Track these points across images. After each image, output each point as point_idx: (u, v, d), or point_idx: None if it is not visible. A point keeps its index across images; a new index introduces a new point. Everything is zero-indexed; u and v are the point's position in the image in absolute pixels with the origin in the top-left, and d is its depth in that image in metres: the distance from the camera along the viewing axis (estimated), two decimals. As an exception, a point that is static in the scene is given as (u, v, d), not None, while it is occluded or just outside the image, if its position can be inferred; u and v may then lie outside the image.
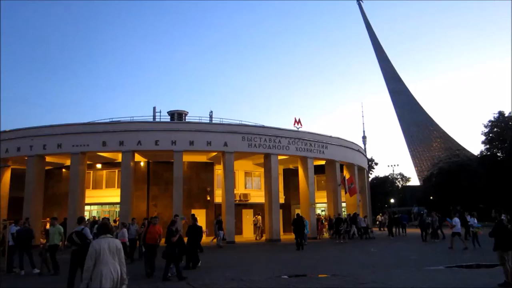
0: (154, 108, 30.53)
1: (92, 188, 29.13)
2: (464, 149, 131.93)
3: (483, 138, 50.99)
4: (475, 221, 18.96)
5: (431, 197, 60.46)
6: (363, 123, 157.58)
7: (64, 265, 10.78)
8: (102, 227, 5.79)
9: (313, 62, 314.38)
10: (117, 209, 26.46)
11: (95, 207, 29.34)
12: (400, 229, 29.93)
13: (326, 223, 29.18)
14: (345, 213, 30.75)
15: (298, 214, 22.38)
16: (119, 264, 5.51)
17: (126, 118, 27.95)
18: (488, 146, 50.73)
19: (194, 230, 13.75)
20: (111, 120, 27.77)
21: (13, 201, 26.89)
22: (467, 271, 12.16)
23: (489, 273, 11.40)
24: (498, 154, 49.63)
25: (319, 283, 10.29)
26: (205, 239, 20.87)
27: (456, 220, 18.56)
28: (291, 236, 22.60)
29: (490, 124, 50.19)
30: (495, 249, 9.37)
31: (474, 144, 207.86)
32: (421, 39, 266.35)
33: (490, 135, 50.02)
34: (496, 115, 49.92)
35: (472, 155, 76.36)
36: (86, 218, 22.94)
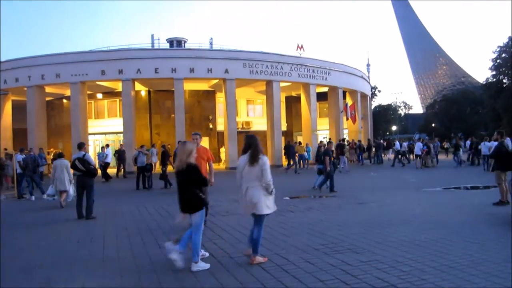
0: (153, 35, 29.61)
1: (95, 118, 29.28)
2: (470, 76, 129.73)
3: (491, 64, 49.26)
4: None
5: (433, 124, 60.64)
6: (368, 51, 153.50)
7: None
8: (57, 154, 9.89)
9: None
10: (121, 138, 26.79)
11: (99, 136, 29.65)
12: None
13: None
14: (347, 138, 30.98)
15: (288, 141, 25.79)
16: (67, 173, 10.67)
17: (125, 46, 27.23)
18: (494, 72, 49.08)
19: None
20: (109, 48, 27.06)
21: (17, 133, 27.24)
22: (464, 191, 12.49)
23: (486, 193, 11.71)
24: (504, 81, 48.12)
25: (319, 202, 10.63)
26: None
27: (419, 144, 22.04)
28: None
29: (498, 49, 48.10)
30: (493, 170, 9.49)
31: (483, 72, 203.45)
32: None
33: (498, 61, 48.16)
34: (506, 41, 47.70)
35: (478, 82, 75.17)
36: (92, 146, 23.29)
